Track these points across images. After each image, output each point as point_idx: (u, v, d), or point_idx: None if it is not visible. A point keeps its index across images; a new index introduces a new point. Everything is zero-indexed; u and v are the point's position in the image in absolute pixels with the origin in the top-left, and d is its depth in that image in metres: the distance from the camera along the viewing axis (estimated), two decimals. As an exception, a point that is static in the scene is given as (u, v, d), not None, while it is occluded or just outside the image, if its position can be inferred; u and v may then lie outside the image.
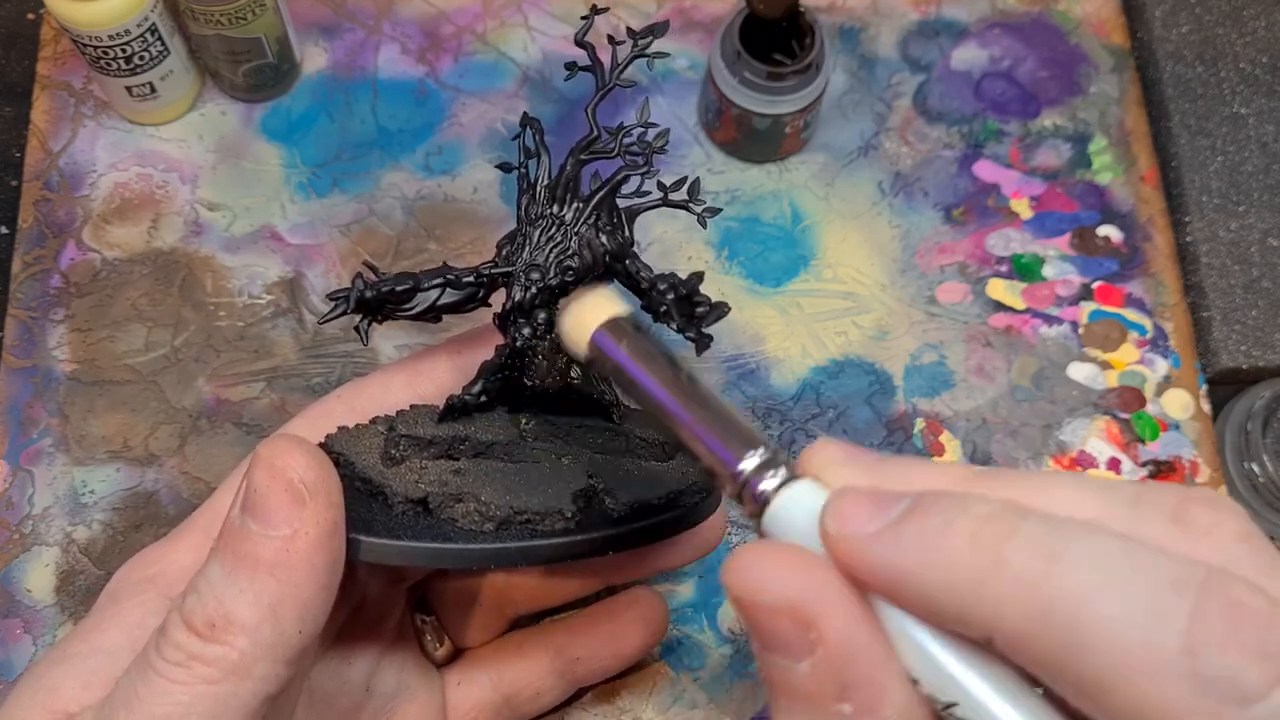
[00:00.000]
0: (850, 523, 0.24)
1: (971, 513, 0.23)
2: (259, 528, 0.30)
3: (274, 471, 0.31)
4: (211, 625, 0.30)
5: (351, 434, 0.37)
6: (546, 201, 0.38)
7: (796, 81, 0.53)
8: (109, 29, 0.51)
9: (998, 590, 0.22)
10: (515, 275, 0.37)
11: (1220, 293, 0.55)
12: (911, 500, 0.24)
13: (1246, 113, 0.59)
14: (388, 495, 0.35)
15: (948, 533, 0.23)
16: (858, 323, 0.55)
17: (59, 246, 0.54)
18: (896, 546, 0.23)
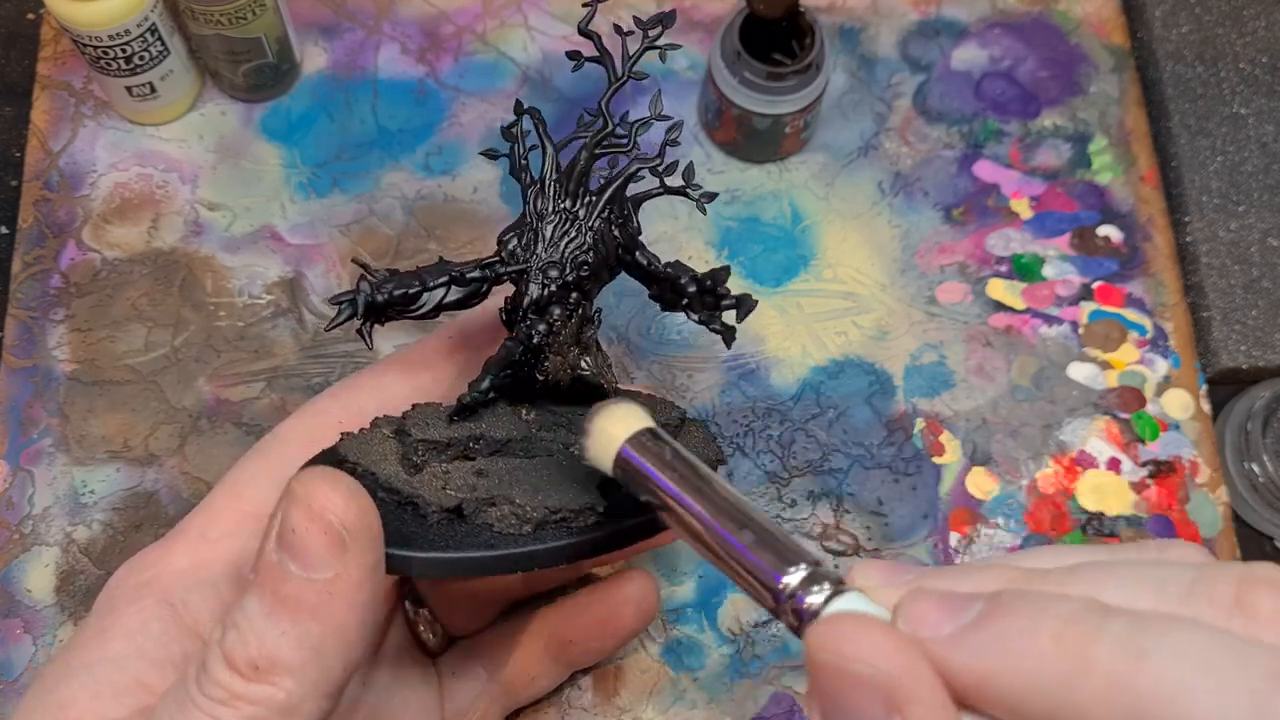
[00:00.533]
0: (926, 625, 0.24)
1: (1054, 612, 0.22)
2: (299, 570, 0.30)
3: (313, 514, 0.30)
4: (255, 667, 0.29)
5: (361, 440, 0.36)
6: (557, 196, 0.38)
7: (796, 81, 0.53)
8: (109, 29, 0.51)
9: (1087, 691, 0.21)
10: (530, 272, 0.37)
11: (1220, 293, 0.55)
12: (987, 601, 0.23)
13: (1246, 113, 0.59)
14: (419, 506, 0.34)
15: (1033, 633, 0.22)
16: (858, 323, 0.55)
17: (59, 246, 0.54)
18: (978, 648, 0.23)
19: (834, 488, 0.52)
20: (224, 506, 0.37)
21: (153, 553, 0.36)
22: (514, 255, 0.37)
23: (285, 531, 0.30)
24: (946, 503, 0.52)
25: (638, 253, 0.39)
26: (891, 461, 0.52)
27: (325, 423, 0.38)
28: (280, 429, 0.39)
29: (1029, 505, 0.52)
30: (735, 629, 0.49)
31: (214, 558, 0.36)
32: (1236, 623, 0.22)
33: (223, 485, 0.38)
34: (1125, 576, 0.23)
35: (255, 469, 0.38)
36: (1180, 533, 0.52)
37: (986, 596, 0.23)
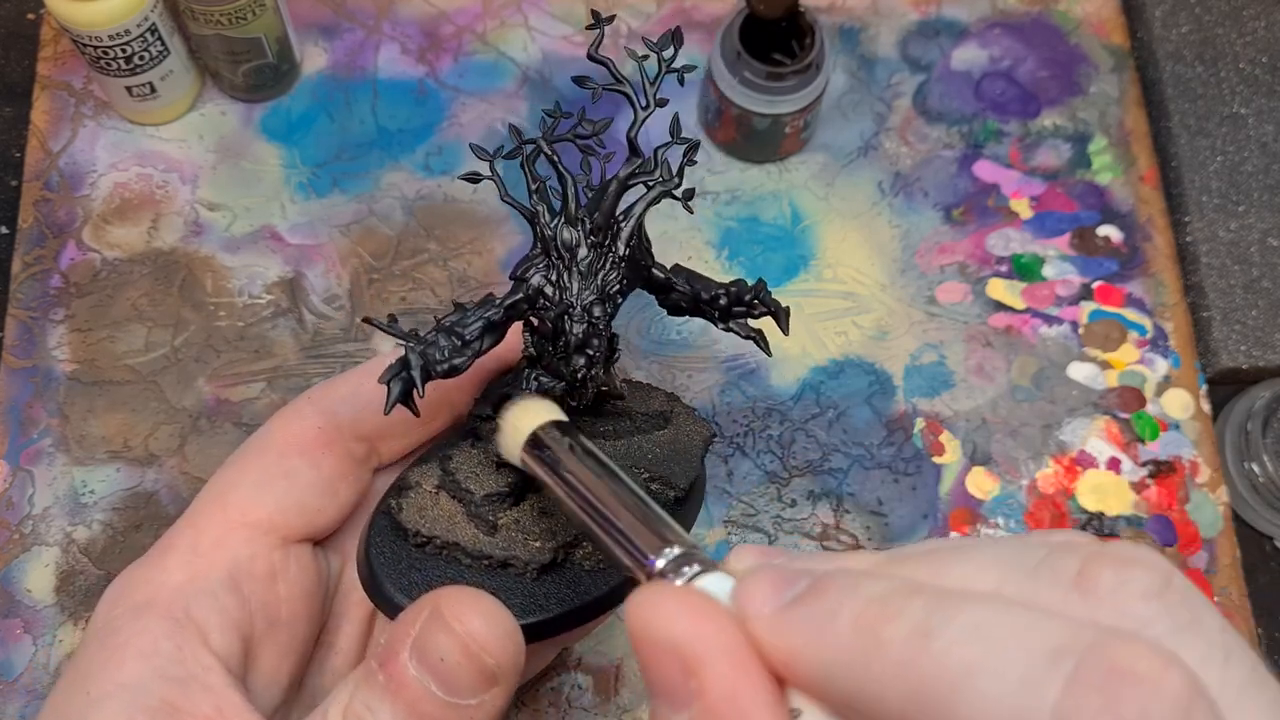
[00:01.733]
0: (751, 602, 0.24)
1: (859, 593, 0.22)
2: (442, 693, 0.29)
3: (468, 652, 0.30)
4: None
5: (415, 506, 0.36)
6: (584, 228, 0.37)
7: (796, 81, 0.53)
8: (109, 29, 0.51)
9: (877, 672, 0.21)
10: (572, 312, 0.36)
11: (1220, 293, 0.55)
12: (811, 579, 0.23)
13: (1246, 113, 0.59)
14: (516, 566, 0.34)
15: (835, 614, 0.22)
16: (858, 323, 0.55)
17: (59, 246, 0.54)
18: (787, 627, 0.23)
19: (834, 488, 0.52)
20: (210, 517, 0.37)
21: (145, 570, 0.36)
22: (541, 293, 0.36)
23: (430, 653, 0.30)
24: (946, 503, 0.52)
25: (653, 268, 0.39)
26: (891, 461, 0.52)
27: (305, 427, 0.38)
28: (259, 435, 0.39)
29: (1029, 505, 0.52)
30: (735, 629, 0.49)
31: (208, 569, 0.36)
32: (1073, 599, 0.21)
33: (206, 495, 0.38)
34: (977, 556, 0.23)
35: (237, 477, 0.38)
36: (1180, 533, 0.52)
37: (814, 574, 0.23)
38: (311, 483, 0.37)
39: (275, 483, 0.37)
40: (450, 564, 0.35)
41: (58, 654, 0.48)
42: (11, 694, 0.47)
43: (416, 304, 0.54)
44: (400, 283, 0.54)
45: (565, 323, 0.36)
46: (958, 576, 0.23)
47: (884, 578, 0.23)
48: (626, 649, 0.49)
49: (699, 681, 0.23)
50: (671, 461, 0.38)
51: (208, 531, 0.36)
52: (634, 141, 0.38)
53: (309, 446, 0.38)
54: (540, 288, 0.36)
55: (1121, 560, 0.22)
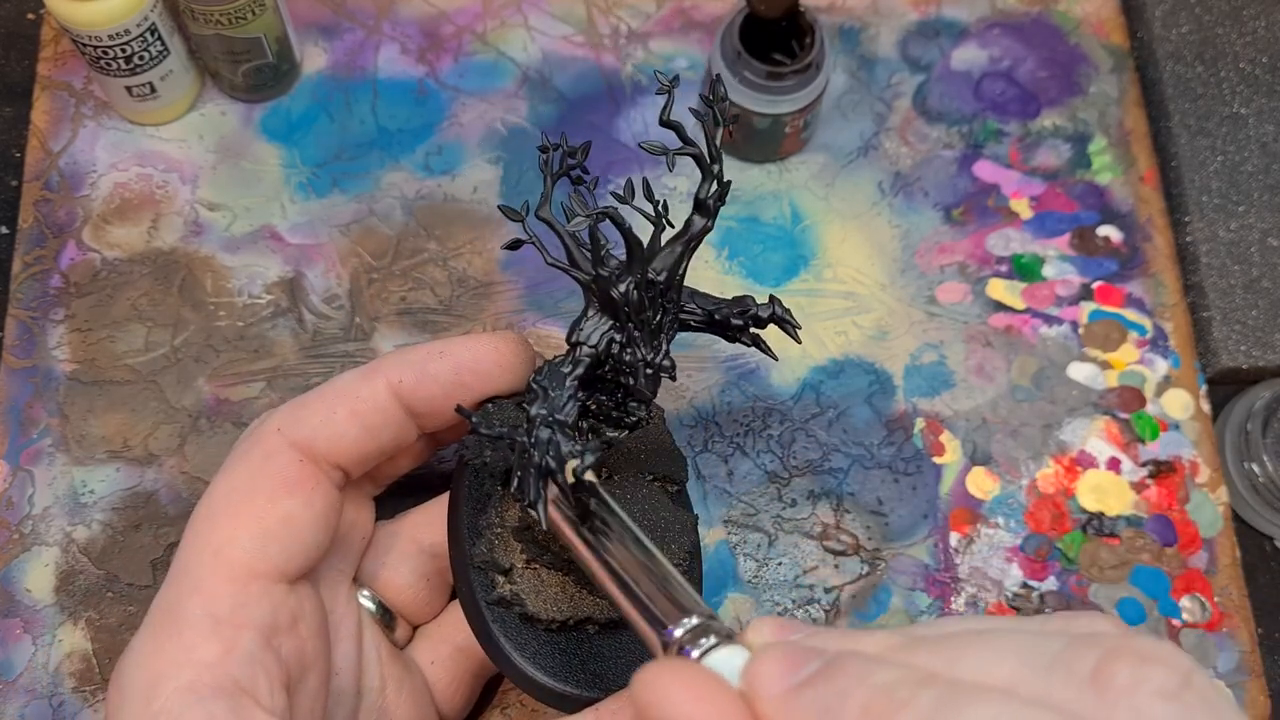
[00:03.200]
0: (761, 681, 0.24)
1: (870, 681, 0.22)
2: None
3: None
4: None
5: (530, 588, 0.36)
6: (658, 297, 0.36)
7: (796, 81, 0.53)
8: (109, 29, 0.51)
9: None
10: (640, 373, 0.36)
11: (1220, 293, 0.55)
12: (822, 661, 0.23)
13: (1246, 113, 0.59)
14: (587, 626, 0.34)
15: (844, 700, 0.22)
16: (858, 323, 0.55)
17: (59, 246, 0.55)
18: (796, 709, 0.23)
19: (834, 487, 0.52)
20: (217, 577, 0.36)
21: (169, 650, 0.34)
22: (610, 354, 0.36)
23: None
24: (946, 503, 0.52)
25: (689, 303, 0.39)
26: (891, 461, 0.52)
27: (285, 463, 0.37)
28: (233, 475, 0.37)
29: (1029, 505, 0.52)
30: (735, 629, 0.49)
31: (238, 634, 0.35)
32: (1088, 697, 0.21)
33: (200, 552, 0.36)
34: (994, 645, 0.23)
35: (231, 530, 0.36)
36: (1180, 533, 0.52)
37: (827, 656, 0.23)
38: (309, 522, 0.37)
39: (277, 532, 0.36)
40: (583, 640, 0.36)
41: (57, 654, 0.48)
42: (11, 694, 0.47)
43: (416, 304, 0.54)
44: (400, 282, 0.54)
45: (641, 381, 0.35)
46: (972, 666, 0.23)
47: (897, 665, 0.23)
48: (626, 649, 0.49)
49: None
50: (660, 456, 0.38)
51: (221, 597, 0.35)
52: (705, 203, 0.37)
53: (297, 486, 0.37)
54: (607, 349, 0.35)
55: (1140, 657, 0.21)
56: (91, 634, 0.48)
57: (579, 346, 0.36)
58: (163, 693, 0.33)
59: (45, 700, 0.47)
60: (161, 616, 0.36)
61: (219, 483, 0.38)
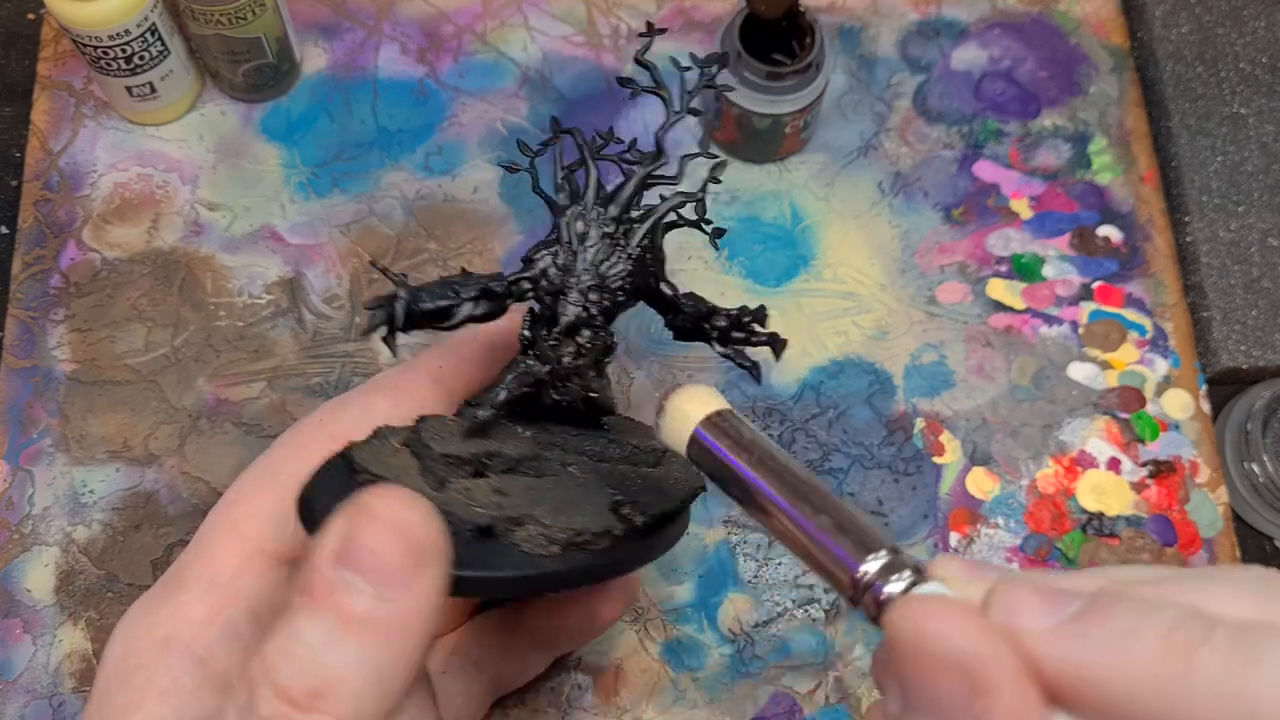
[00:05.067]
0: (1022, 615, 0.23)
1: (1158, 617, 0.22)
2: (371, 588, 0.28)
3: (397, 532, 0.29)
4: (316, 694, 0.27)
5: (374, 450, 0.35)
6: (601, 220, 0.37)
7: (796, 81, 0.53)
8: (109, 29, 0.51)
9: (1198, 695, 0.21)
10: (568, 293, 0.36)
11: (1220, 293, 0.55)
12: (1088, 599, 0.23)
13: (1246, 113, 0.59)
14: (452, 523, 0.33)
15: (1138, 635, 0.22)
16: (858, 323, 0.55)
17: (59, 246, 0.55)
18: (1079, 645, 0.23)
19: (834, 487, 0.52)
20: (227, 546, 0.36)
21: (162, 605, 0.35)
22: (547, 275, 0.37)
23: (356, 549, 0.29)
24: (946, 503, 0.52)
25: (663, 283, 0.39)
26: (891, 461, 0.52)
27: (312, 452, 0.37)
28: (269, 460, 0.38)
29: (1029, 505, 0.52)
30: (735, 629, 0.49)
31: (230, 601, 0.35)
32: None
33: (218, 523, 0.37)
34: (1224, 585, 0.23)
35: (251, 504, 0.37)
36: (1180, 533, 0.52)
37: (1086, 594, 0.23)
38: None
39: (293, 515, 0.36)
40: None
41: (57, 654, 0.48)
42: (11, 694, 0.47)
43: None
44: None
45: (560, 303, 0.36)
46: (1215, 604, 0.23)
47: (1173, 603, 0.23)
48: (626, 650, 0.49)
49: (987, 704, 0.22)
50: (649, 493, 0.37)
51: (225, 563, 0.36)
52: (660, 142, 0.38)
53: None
54: (545, 269, 0.37)
55: None
56: (91, 634, 0.48)
57: (526, 262, 0.37)
58: (139, 645, 0.34)
59: (45, 700, 0.47)
60: (166, 579, 0.36)
61: (253, 465, 0.38)
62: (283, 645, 0.28)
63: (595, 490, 0.36)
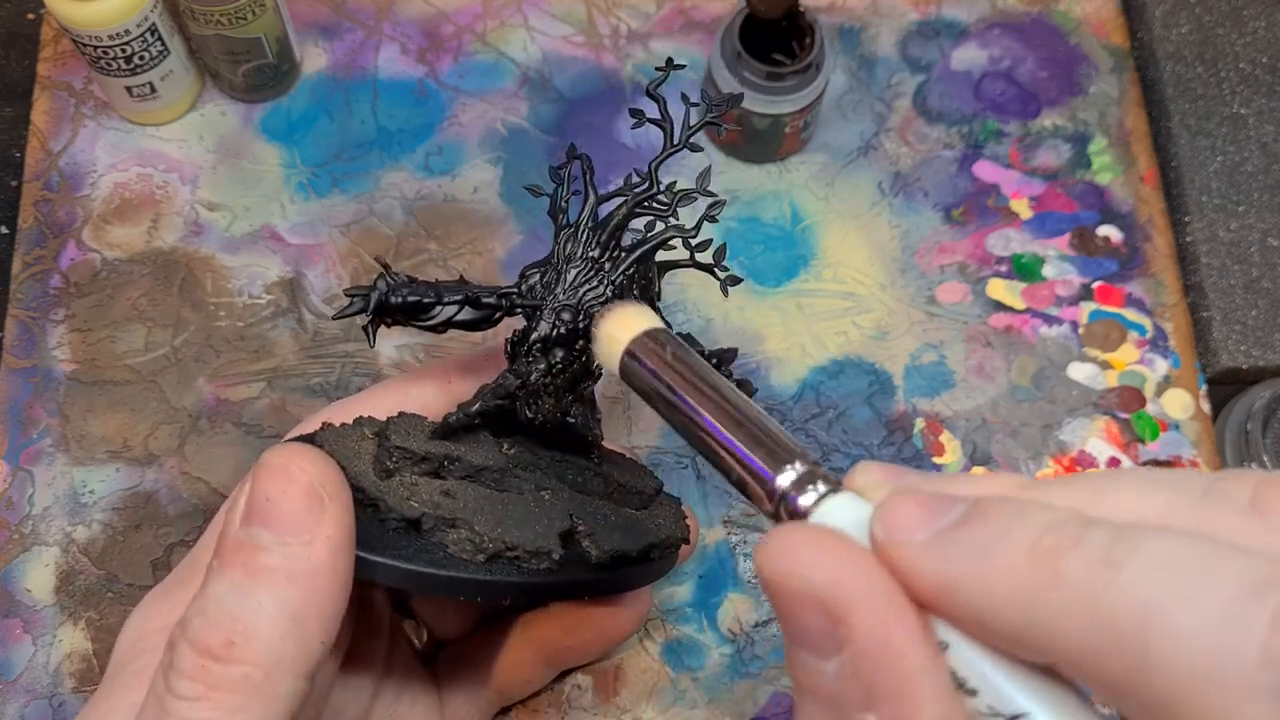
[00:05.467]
0: (900, 528, 0.22)
1: (1031, 520, 0.21)
2: (275, 536, 0.29)
3: (290, 476, 0.30)
4: (230, 644, 0.28)
5: (339, 433, 0.36)
6: (588, 243, 0.38)
7: (796, 81, 0.53)
8: (109, 29, 0.51)
9: (1056, 604, 0.20)
10: (544, 310, 0.37)
11: (1220, 293, 0.55)
12: (967, 506, 0.22)
13: (1246, 113, 0.59)
14: (380, 509, 0.34)
15: (1005, 542, 0.21)
16: (858, 323, 0.55)
17: (59, 246, 0.55)
18: (947, 555, 0.21)
19: (834, 488, 0.52)
20: None
21: (171, 597, 0.35)
22: (532, 290, 0.37)
23: (257, 502, 0.30)
24: (946, 503, 0.52)
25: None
26: (891, 461, 0.52)
27: None
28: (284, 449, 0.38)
29: (1029, 505, 0.52)
30: (735, 629, 0.49)
31: None
32: (1252, 524, 0.20)
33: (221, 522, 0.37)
34: (1135, 482, 0.22)
35: None
36: (1180, 533, 0.52)
37: (969, 501, 0.22)
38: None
39: None
40: None
41: (57, 654, 0.48)
42: (11, 694, 0.47)
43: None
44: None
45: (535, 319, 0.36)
46: (1116, 504, 0.21)
47: (1049, 507, 0.21)
48: (626, 650, 0.49)
49: (848, 629, 0.21)
50: (616, 531, 0.37)
51: None
52: (654, 172, 0.38)
53: None
54: (532, 285, 0.37)
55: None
56: (91, 634, 0.48)
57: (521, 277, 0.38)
58: (150, 631, 0.34)
59: (45, 700, 0.47)
60: (179, 570, 0.36)
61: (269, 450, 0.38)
62: (198, 606, 0.29)
63: (555, 515, 0.36)
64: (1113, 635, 0.19)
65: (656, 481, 0.42)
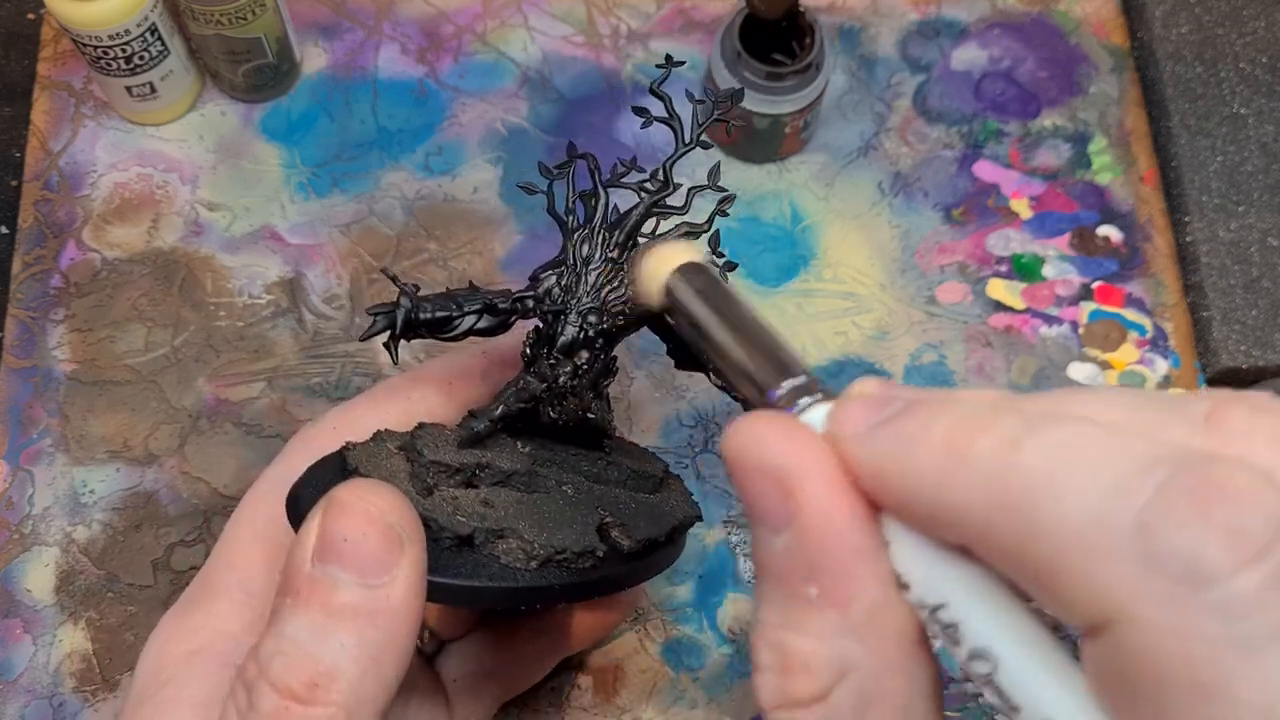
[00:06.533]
0: (843, 422, 0.23)
1: (953, 408, 0.22)
2: (353, 577, 0.29)
3: (369, 517, 0.30)
4: (314, 686, 0.28)
5: (368, 452, 0.36)
6: (606, 245, 0.38)
7: (796, 81, 0.53)
8: (109, 29, 0.51)
9: (962, 482, 0.21)
10: (568, 314, 0.37)
11: (1220, 293, 0.55)
12: (905, 402, 0.23)
13: (1246, 113, 0.59)
14: (433, 529, 0.34)
15: (927, 429, 0.22)
16: (858, 323, 0.55)
17: (59, 246, 0.55)
18: (878, 442, 0.22)
19: (834, 488, 0.52)
20: (254, 554, 0.36)
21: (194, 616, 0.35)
22: (550, 294, 0.37)
23: (332, 542, 0.29)
24: (946, 503, 0.52)
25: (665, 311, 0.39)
26: (891, 461, 0.52)
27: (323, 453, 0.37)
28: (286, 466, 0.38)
29: (1029, 505, 0.52)
30: (735, 629, 0.49)
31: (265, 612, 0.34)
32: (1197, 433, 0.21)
33: (243, 532, 0.37)
34: (1102, 395, 0.22)
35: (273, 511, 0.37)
36: (1180, 533, 0.52)
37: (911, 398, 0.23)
38: None
39: None
40: None
41: (57, 654, 0.48)
42: (11, 694, 0.47)
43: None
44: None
45: (559, 323, 0.36)
46: (1077, 409, 0.22)
47: (978, 398, 0.22)
48: (626, 650, 0.49)
49: (796, 503, 0.22)
50: (641, 518, 0.37)
51: (254, 572, 0.36)
52: (669, 172, 0.38)
53: None
54: (549, 289, 0.37)
55: (1257, 406, 0.21)
56: (91, 634, 0.48)
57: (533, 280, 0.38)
58: (173, 656, 0.34)
59: (45, 700, 0.47)
60: (196, 588, 0.36)
61: (272, 469, 0.38)
62: (274, 645, 0.29)
63: (585, 510, 0.36)
64: (1006, 506, 0.20)
65: (662, 462, 0.42)
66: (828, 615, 0.22)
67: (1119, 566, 0.18)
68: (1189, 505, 0.18)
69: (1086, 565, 0.19)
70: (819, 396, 0.26)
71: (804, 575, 0.23)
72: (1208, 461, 0.19)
